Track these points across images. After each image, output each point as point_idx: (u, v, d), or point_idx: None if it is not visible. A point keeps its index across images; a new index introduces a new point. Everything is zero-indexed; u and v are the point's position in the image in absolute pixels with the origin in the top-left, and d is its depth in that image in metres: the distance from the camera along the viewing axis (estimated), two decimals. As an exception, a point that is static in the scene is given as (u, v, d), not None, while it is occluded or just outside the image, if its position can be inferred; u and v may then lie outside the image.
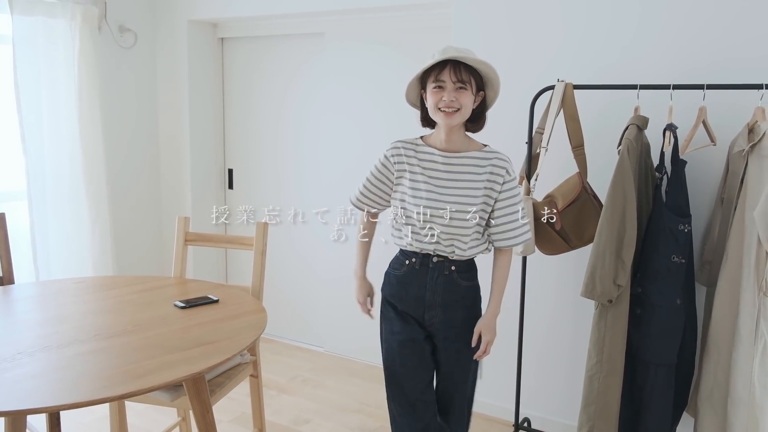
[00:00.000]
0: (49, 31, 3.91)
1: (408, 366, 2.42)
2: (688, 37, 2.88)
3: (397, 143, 2.41)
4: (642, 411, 2.74)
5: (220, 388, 2.55)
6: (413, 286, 2.37)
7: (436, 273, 2.34)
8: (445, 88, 2.21)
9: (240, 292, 2.68)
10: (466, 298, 2.41)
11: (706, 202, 2.87)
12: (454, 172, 2.31)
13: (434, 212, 2.28)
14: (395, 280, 2.43)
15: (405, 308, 2.41)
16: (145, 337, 2.11)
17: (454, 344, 2.41)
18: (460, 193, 2.28)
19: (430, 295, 2.36)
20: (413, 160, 2.35)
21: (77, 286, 2.70)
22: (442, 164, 2.31)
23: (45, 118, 3.96)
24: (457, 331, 2.40)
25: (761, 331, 2.48)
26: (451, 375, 2.45)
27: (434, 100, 2.23)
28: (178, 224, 3.00)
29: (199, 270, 4.77)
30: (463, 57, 2.19)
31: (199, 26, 4.56)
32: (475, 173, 2.30)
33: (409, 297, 2.39)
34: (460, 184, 2.29)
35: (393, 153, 2.39)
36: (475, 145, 2.36)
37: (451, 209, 2.27)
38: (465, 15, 3.43)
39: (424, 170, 2.33)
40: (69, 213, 4.10)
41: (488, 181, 2.29)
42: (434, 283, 2.35)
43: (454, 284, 2.35)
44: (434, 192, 2.29)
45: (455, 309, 2.38)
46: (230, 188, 4.86)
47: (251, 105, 4.65)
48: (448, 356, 2.43)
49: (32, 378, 1.79)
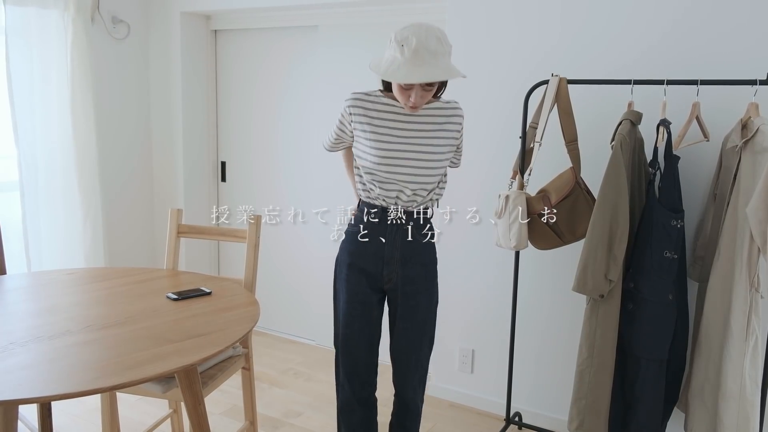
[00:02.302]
0: (42, 21, 3.89)
1: (355, 327, 2.51)
2: (682, 32, 2.89)
3: (356, 94, 2.43)
4: (633, 406, 2.74)
5: (212, 380, 2.54)
6: (372, 242, 2.45)
7: (395, 228, 2.42)
8: (412, 89, 2.25)
9: (233, 285, 2.67)
10: (423, 255, 2.48)
11: (698, 197, 2.88)
12: (417, 123, 2.38)
13: (397, 162, 2.36)
14: (354, 237, 2.48)
15: (364, 264, 2.47)
16: (137, 329, 2.11)
17: (411, 300, 2.48)
18: (425, 143, 2.37)
19: (389, 250, 2.43)
20: (373, 112, 2.39)
21: (69, 277, 2.69)
22: (404, 115, 2.38)
23: (37, 110, 3.94)
24: (415, 287, 2.47)
25: (752, 327, 2.49)
26: (407, 331, 2.51)
27: (402, 96, 2.28)
28: (171, 216, 2.99)
29: (192, 262, 4.76)
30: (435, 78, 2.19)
31: (192, 18, 4.55)
32: (436, 123, 2.40)
33: (368, 252, 2.46)
34: (424, 134, 2.38)
35: (350, 104, 2.42)
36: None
37: (415, 158, 2.36)
38: (459, 8, 3.43)
39: (385, 121, 2.38)
40: (61, 204, 4.08)
41: (452, 131, 2.44)
42: (393, 238, 2.43)
43: (412, 240, 2.43)
44: (396, 143, 2.36)
45: (413, 265, 2.45)
46: (223, 181, 4.85)
47: (244, 97, 4.64)
48: (404, 312, 2.49)
49: (24, 368, 1.78)
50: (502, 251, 3.37)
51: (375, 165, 2.38)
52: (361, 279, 2.48)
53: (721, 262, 2.56)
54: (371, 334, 2.54)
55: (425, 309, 2.51)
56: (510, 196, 2.85)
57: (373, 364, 2.58)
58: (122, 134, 4.57)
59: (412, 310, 2.49)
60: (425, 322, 2.53)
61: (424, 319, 2.52)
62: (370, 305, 2.50)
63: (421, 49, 2.16)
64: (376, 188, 2.41)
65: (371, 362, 2.57)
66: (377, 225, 2.43)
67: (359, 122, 2.40)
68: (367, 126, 2.39)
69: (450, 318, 3.65)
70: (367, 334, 2.52)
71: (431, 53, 2.17)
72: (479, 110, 3.38)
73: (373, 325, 2.54)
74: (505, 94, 3.34)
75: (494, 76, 3.36)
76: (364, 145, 2.41)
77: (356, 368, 2.55)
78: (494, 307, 3.54)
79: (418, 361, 2.56)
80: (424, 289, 2.49)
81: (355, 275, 2.48)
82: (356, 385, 2.56)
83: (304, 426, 3.42)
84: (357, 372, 2.55)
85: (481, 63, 3.38)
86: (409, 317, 2.49)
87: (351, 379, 2.56)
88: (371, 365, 2.57)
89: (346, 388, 2.58)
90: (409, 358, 2.54)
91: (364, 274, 2.47)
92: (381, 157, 2.36)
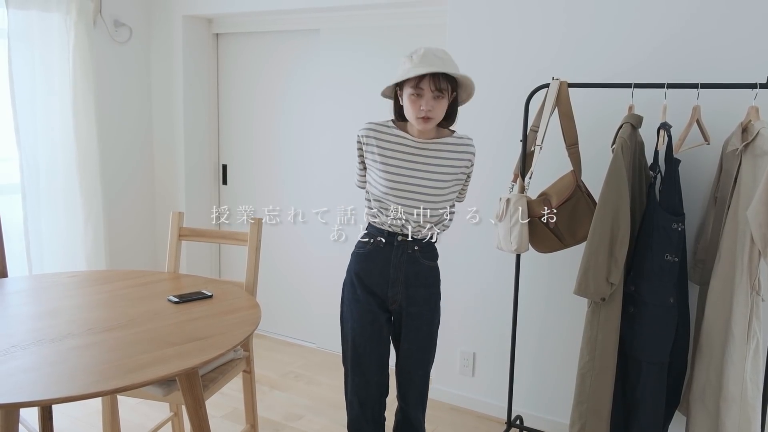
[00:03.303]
0: (44, 25, 3.90)
1: (367, 349, 2.55)
2: (683, 36, 2.89)
3: (369, 124, 2.50)
4: (634, 409, 2.74)
5: (213, 383, 2.54)
6: (378, 263, 2.48)
7: (400, 251, 2.46)
8: (423, 96, 2.29)
9: (234, 288, 2.67)
10: (428, 278, 2.53)
11: (699, 200, 2.88)
12: (427, 156, 2.42)
13: (405, 192, 2.40)
14: (362, 257, 2.53)
15: (370, 283, 2.51)
16: (138, 332, 2.11)
17: (415, 321, 2.52)
18: (433, 176, 2.41)
19: (394, 272, 2.47)
20: (384, 143, 2.44)
21: (71, 280, 2.69)
22: (415, 148, 2.42)
23: (39, 112, 3.95)
24: (419, 309, 2.51)
25: (753, 330, 2.49)
26: (411, 351, 2.56)
27: (413, 108, 2.32)
28: (172, 219, 2.99)
29: (193, 265, 4.76)
30: (444, 70, 2.27)
31: (194, 21, 4.55)
32: (447, 158, 2.43)
33: (374, 273, 2.50)
34: (433, 168, 2.41)
35: (364, 134, 2.49)
36: (443, 132, 2.48)
37: (422, 191, 2.40)
38: (460, 12, 3.43)
39: (396, 153, 2.42)
40: (63, 207, 4.09)
41: (461, 167, 2.47)
42: (398, 261, 2.46)
43: (417, 263, 2.48)
44: (405, 174, 2.40)
45: (416, 286, 2.49)
46: (224, 184, 4.86)
47: (245, 101, 4.65)
48: (408, 333, 2.54)
49: (25, 371, 1.78)
50: (503, 254, 3.37)
51: (383, 194, 2.43)
52: (370, 299, 2.52)
53: (722, 265, 2.56)
54: (382, 355, 2.57)
55: (427, 331, 2.57)
56: (511, 199, 2.85)
57: (384, 385, 2.61)
58: (124, 137, 4.57)
59: (416, 332, 2.54)
60: (428, 342, 2.58)
61: (427, 340, 2.58)
62: (380, 324, 2.54)
63: (429, 54, 2.30)
64: (382, 216, 2.46)
65: (382, 383, 2.60)
66: (383, 248, 2.48)
67: (370, 151, 2.46)
68: (378, 156, 2.44)
69: (451, 321, 3.64)
70: (378, 354, 2.56)
71: (439, 57, 2.30)
72: (480, 114, 3.38)
73: (384, 344, 2.57)
74: (506, 97, 3.34)
75: (495, 80, 3.36)
76: (374, 174, 2.47)
77: (368, 389, 2.58)
78: (495, 310, 3.54)
79: (421, 380, 2.61)
80: (427, 310, 2.54)
81: (364, 295, 2.52)
82: (367, 405, 2.59)
83: (305, 429, 3.42)
84: (368, 393, 2.58)
85: (483, 67, 3.38)
86: (412, 338, 2.54)
87: (362, 400, 2.59)
88: (382, 386, 2.61)
89: (355, 408, 2.61)
90: (413, 377, 2.59)
91: (372, 294, 2.51)
92: (389, 187, 2.41)
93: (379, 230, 2.48)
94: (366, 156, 2.49)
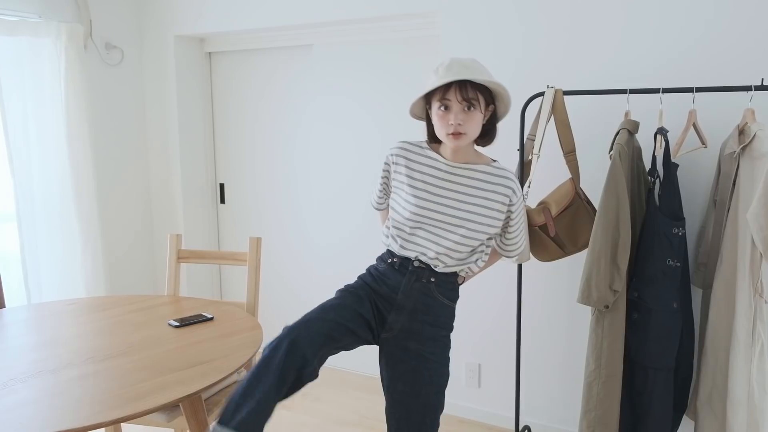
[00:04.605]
0: (35, 50, 3.89)
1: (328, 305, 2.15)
2: (677, 40, 2.89)
3: (401, 143, 2.27)
4: (642, 416, 2.73)
5: (217, 406, 2.53)
6: (389, 283, 2.21)
7: (414, 277, 2.19)
8: (451, 109, 2.08)
9: (235, 309, 2.66)
10: (439, 316, 2.23)
11: (699, 204, 2.88)
12: (457, 183, 2.18)
13: (426, 219, 2.17)
14: (376, 271, 2.27)
15: (376, 297, 2.21)
16: (139, 359, 2.09)
17: (413, 360, 2.19)
18: (460, 206, 2.16)
19: (402, 297, 2.19)
20: (414, 164, 2.22)
21: (69, 308, 2.68)
22: (446, 173, 2.19)
23: (32, 138, 3.93)
24: (420, 347, 2.20)
25: (758, 333, 2.47)
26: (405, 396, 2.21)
27: (441, 124, 2.10)
28: (171, 242, 2.97)
29: (193, 286, 4.74)
30: (469, 77, 2.04)
31: (186, 41, 4.55)
32: (479, 188, 2.17)
33: (382, 291, 2.21)
34: (461, 195, 2.17)
35: (394, 153, 2.27)
36: (483, 158, 2.24)
37: (445, 220, 2.16)
38: (453, 23, 3.43)
39: (424, 175, 2.20)
40: (60, 234, 4.07)
41: (496, 201, 2.18)
42: (409, 287, 2.19)
43: (429, 296, 2.20)
44: (429, 200, 2.17)
45: (423, 322, 2.20)
46: (222, 203, 4.84)
47: (241, 118, 4.64)
48: (405, 371, 2.21)
49: (25, 405, 1.76)
50: (505, 264, 3.36)
51: (404, 219, 2.20)
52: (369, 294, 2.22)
53: (724, 268, 2.55)
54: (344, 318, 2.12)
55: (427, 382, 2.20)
56: (510, 209, 2.84)
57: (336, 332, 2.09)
58: (119, 159, 4.56)
59: (414, 372, 2.19)
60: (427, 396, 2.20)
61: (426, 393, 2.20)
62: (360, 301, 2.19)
63: (454, 63, 2.09)
64: (398, 242, 2.22)
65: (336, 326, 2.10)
66: (397, 270, 2.21)
67: (398, 171, 2.26)
68: (405, 177, 2.22)
69: (455, 333, 3.62)
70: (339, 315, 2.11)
71: (465, 66, 2.08)
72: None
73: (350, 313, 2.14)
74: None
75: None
76: (398, 196, 2.25)
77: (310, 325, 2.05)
78: (499, 320, 3.52)
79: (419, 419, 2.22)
80: (430, 353, 2.20)
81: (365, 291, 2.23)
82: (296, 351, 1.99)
83: (311, 448, 3.40)
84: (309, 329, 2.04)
85: (476, 77, 3.38)
86: (410, 380, 2.19)
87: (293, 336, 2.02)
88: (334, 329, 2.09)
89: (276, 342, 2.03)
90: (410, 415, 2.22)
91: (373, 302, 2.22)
92: (411, 212, 2.18)
93: (393, 254, 2.24)
94: (393, 177, 2.28)
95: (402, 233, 2.22)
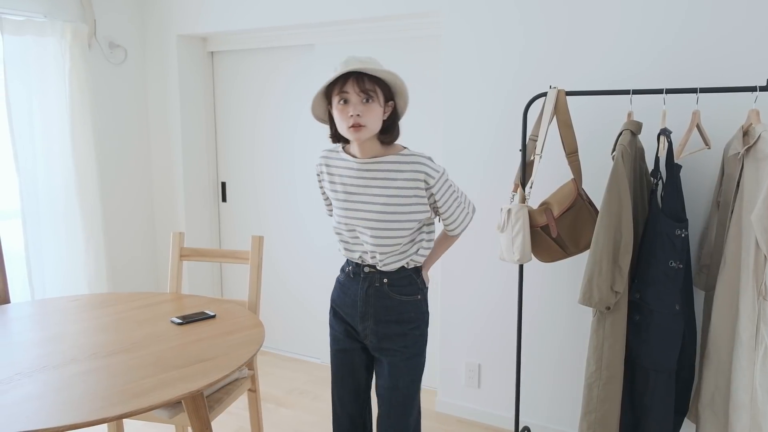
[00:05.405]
0: (40, 50, 3.91)
1: (337, 375, 2.44)
2: (680, 41, 2.89)
3: (323, 152, 2.36)
4: (642, 418, 2.72)
5: (219, 404, 2.53)
6: (349, 294, 2.33)
7: (366, 284, 2.28)
8: (350, 101, 2.10)
9: (236, 307, 2.66)
10: (401, 313, 2.28)
11: (702, 205, 2.88)
12: (369, 179, 2.21)
13: (355, 219, 2.23)
14: (338, 284, 2.40)
15: (344, 314, 2.36)
16: (142, 355, 2.10)
17: (387, 358, 2.30)
18: (378, 200, 2.19)
19: (362, 305, 2.29)
20: (333, 169, 2.30)
21: (73, 304, 2.68)
22: (358, 170, 2.22)
23: (37, 137, 3.95)
24: (391, 346, 2.29)
25: (761, 336, 2.47)
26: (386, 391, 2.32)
27: (342, 117, 2.13)
28: (173, 240, 2.98)
29: (195, 285, 4.75)
30: (364, 68, 2.07)
31: (188, 41, 4.56)
32: (392, 178, 2.18)
33: (346, 304, 2.35)
34: (378, 190, 2.19)
35: (319, 163, 2.36)
36: (392, 149, 2.24)
37: (369, 218, 2.20)
38: (456, 23, 3.43)
39: (342, 178, 2.26)
40: (63, 231, 4.08)
41: (412, 187, 2.18)
42: (365, 294, 2.28)
43: (386, 297, 2.27)
44: (350, 201, 2.24)
45: (388, 322, 2.28)
46: (224, 201, 4.85)
47: (243, 118, 4.65)
48: (381, 370, 2.33)
49: (30, 399, 1.77)
50: (506, 264, 3.36)
51: (337, 224, 2.30)
52: (342, 327, 2.39)
53: (727, 270, 2.55)
54: (355, 383, 2.43)
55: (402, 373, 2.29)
56: (512, 209, 2.84)
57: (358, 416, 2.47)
58: (122, 158, 4.57)
59: (391, 367, 2.29)
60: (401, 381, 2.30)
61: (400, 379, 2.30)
62: (351, 353, 2.39)
63: (351, 58, 2.12)
64: (343, 248, 2.34)
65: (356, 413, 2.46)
66: (353, 278, 2.33)
67: (324, 180, 2.35)
68: (329, 184, 2.32)
69: (455, 333, 3.63)
70: (350, 383, 2.43)
71: (361, 60, 2.12)
72: (478, 123, 3.38)
73: (355, 373, 2.41)
74: (504, 107, 3.34)
75: (492, 89, 3.36)
76: (333, 203, 2.35)
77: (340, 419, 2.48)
78: (500, 320, 3.52)
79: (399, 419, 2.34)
80: (402, 347, 2.29)
81: (337, 322, 2.41)
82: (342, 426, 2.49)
83: (312, 447, 3.40)
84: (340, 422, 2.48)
85: (479, 76, 3.38)
86: (388, 375, 2.30)
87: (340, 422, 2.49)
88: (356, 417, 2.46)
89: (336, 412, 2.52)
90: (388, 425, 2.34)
91: (345, 323, 2.38)
92: (341, 216, 2.27)
93: (348, 261, 2.35)
94: (324, 186, 2.37)
95: (342, 237, 2.32)
